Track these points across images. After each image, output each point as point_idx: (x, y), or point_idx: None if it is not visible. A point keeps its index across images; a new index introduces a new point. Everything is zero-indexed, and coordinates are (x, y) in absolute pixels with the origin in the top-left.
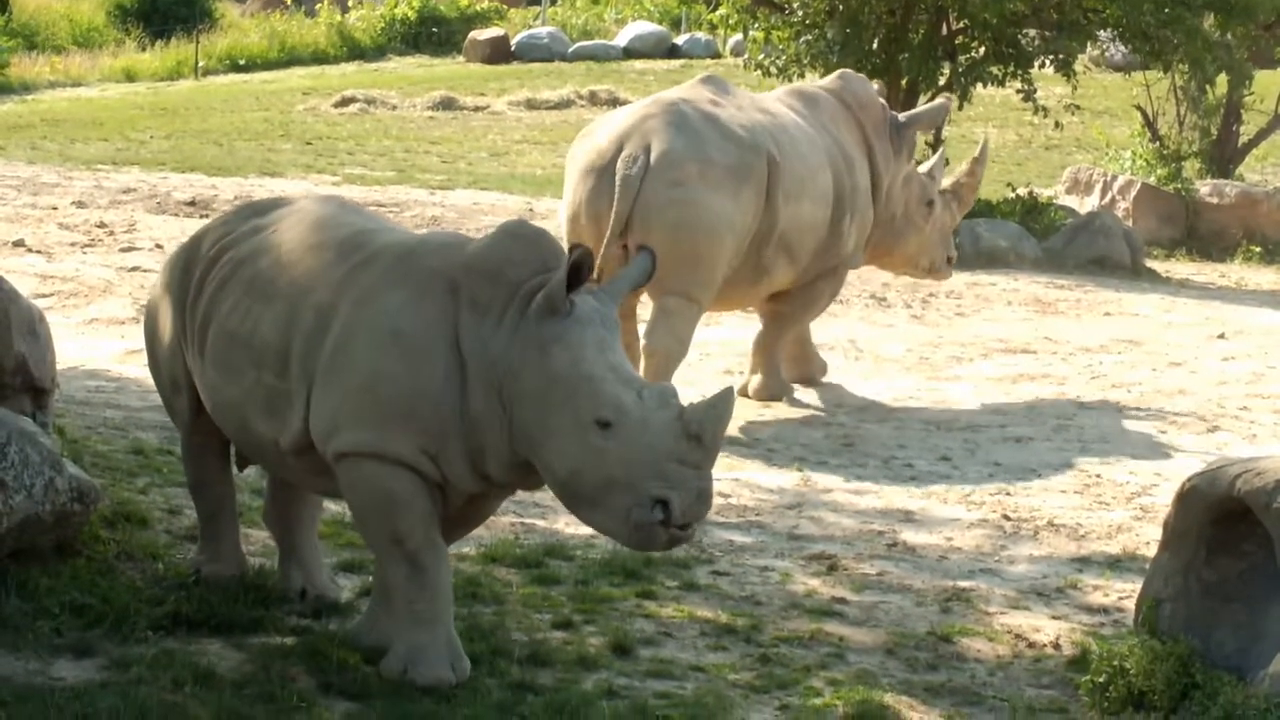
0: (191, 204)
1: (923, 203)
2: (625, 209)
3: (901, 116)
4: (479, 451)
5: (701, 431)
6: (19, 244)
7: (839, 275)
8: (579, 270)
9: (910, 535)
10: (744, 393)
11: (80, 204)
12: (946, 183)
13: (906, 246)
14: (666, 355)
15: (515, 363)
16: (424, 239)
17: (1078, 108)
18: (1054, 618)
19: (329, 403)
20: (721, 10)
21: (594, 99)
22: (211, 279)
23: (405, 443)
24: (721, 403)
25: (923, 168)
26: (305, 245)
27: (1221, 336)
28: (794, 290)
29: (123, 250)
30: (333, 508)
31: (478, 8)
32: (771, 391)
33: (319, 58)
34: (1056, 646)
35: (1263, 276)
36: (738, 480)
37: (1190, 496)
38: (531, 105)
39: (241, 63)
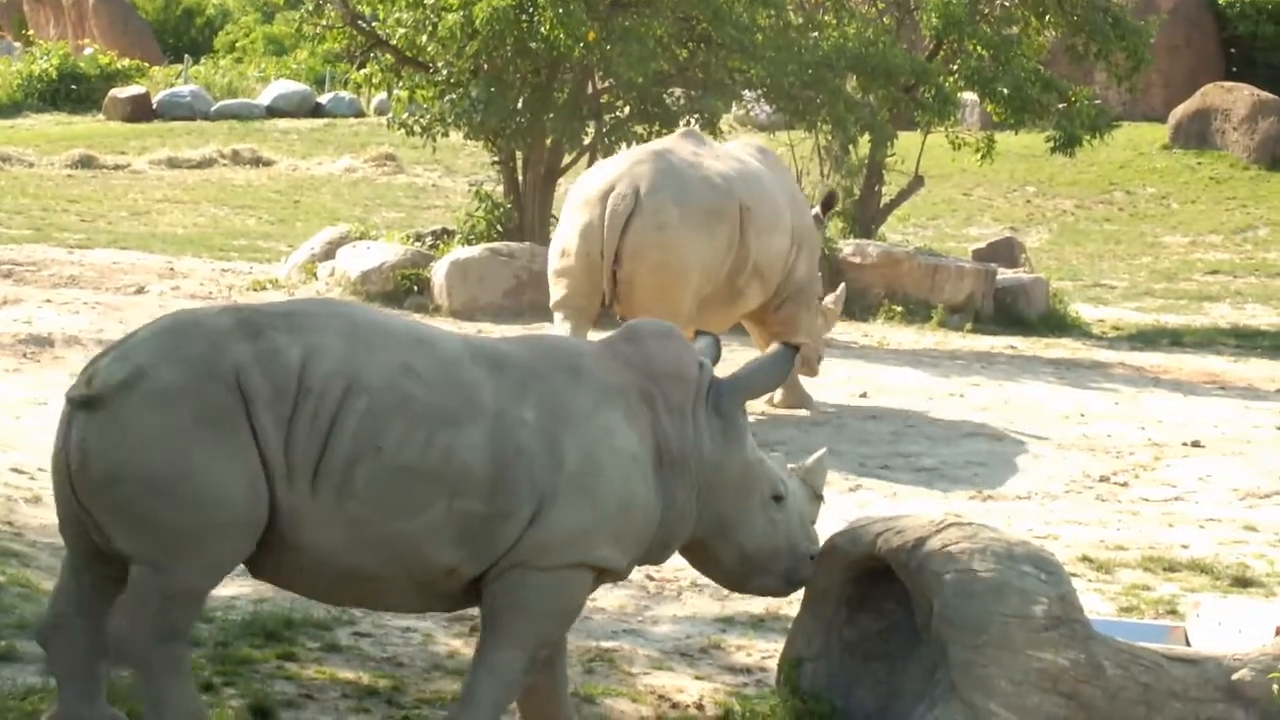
0: None
1: None
2: (614, 240)
3: None
4: (658, 547)
5: (820, 491)
6: None
7: (801, 298)
8: None
9: None
10: (770, 404)
11: None
12: None
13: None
14: None
15: (719, 456)
16: (549, 346)
17: None
18: (698, 678)
19: (574, 520)
20: (366, 69)
21: (237, 158)
22: (336, 412)
23: (631, 556)
24: (826, 462)
25: None
26: (441, 363)
27: (864, 395)
28: (770, 318)
29: None
30: None
31: (118, 65)
32: (792, 402)
33: None
34: (700, 707)
35: (904, 335)
36: None
37: (832, 555)
38: (173, 164)
39: None
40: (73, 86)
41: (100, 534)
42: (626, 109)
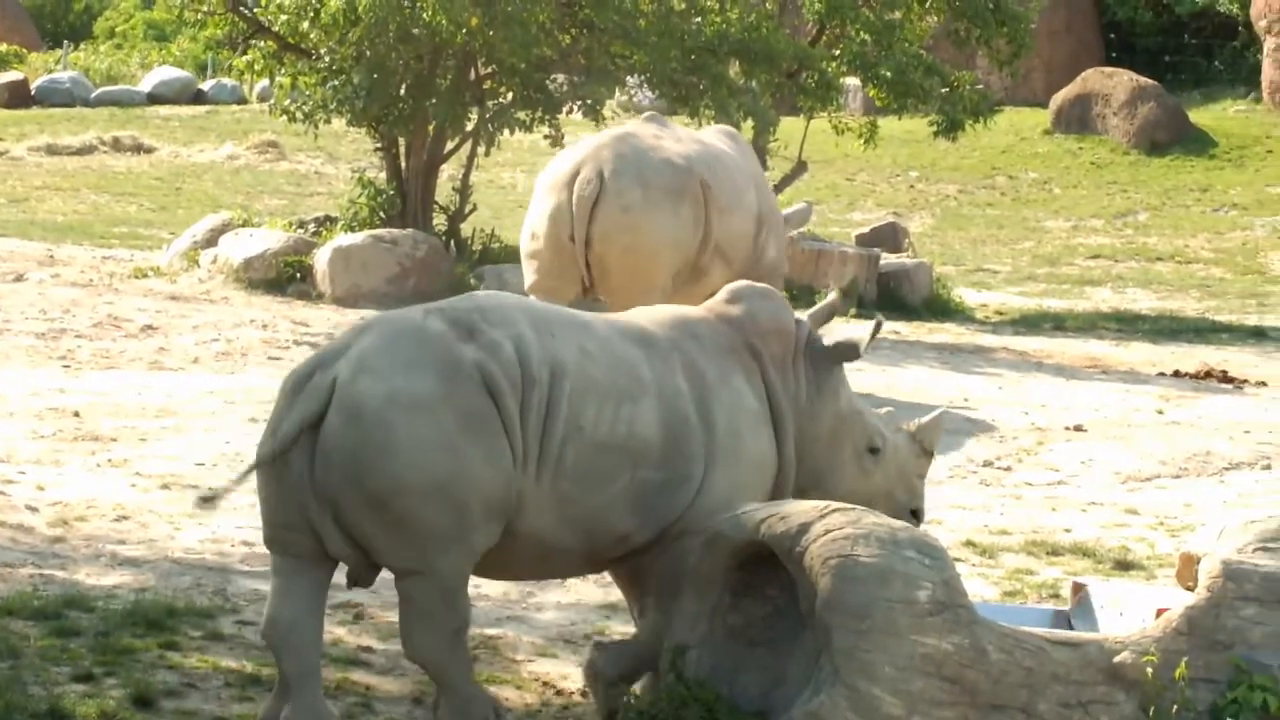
0: None
1: None
2: (584, 224)
3: None
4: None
5: (932, 447)
6: None
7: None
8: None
9: None
10: None
11: None
12: None
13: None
14: None
15: (815, 408)
16: (669, 316)
17: None
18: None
19: (728, 484)
20: (248, 56)
21: (117, 145)
22: (549, 398)
23: None
24: (942, 421)
25: None
26: (602, 342)
27: None
28: None
29: None
30: None
31: None
32: None
33: None
34: (585, 694)
35: None
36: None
37: (716, 541)
38: (52, 151)
39: None
40: None
41: (341, 543)
42: (509, 95)
